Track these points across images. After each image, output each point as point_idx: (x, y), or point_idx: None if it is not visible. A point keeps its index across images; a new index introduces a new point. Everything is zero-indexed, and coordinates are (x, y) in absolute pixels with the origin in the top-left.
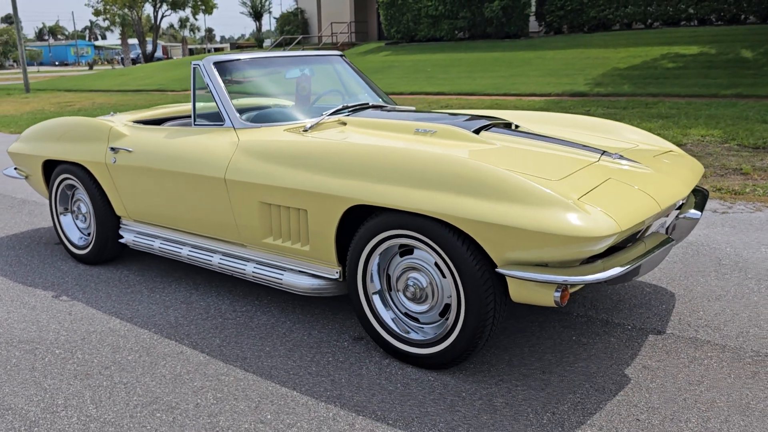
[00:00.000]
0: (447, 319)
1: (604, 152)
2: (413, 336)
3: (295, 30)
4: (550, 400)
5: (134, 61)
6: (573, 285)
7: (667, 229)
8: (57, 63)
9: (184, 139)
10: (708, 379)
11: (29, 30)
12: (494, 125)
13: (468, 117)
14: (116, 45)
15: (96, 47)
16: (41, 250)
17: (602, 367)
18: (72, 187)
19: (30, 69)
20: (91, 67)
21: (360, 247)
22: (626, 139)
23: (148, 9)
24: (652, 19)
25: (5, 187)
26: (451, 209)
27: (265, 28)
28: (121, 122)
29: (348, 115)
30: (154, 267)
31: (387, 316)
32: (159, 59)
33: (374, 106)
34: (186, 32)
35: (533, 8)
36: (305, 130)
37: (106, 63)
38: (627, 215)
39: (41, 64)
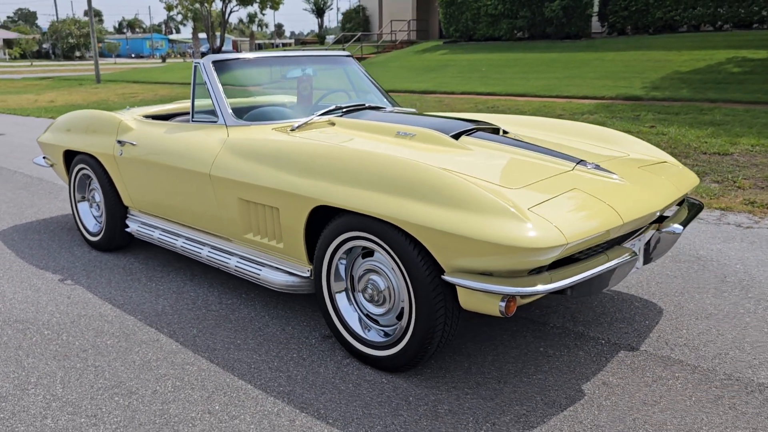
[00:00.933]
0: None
1: (580, 161)
2: (371, 337)
3: (356, 27)
4: (495, 411)
5: (203, 55)
6: (515, 296)
7: (648, 242)
8: (133, 55)
9: (179, 135)
10: (666, 400)
11: (110, 23)
12: (480, 129)
13: (459, 120)
14: (189, 39)
15: (170, 41)
16: (63, 236)
17: (560, 381)
18: (88, 176)
19: (107, 60)
20: (164, 59)
21: (324, 247)
22: (618, 148)
23: (218, 4)
24: (722, 21)
25: (47, 173)
26: (401, 213)
27: (332, 24)
28: (131, 116)
29: (340, 116)
30: (159, 257)
31: (351, 316)
32: (227, 53)
33: (371, 107)
34: (254, 27)
35: (596, 8)
36: (292, 130)
37: (178, 56)
38: (578, 227)
39: (118, 56)
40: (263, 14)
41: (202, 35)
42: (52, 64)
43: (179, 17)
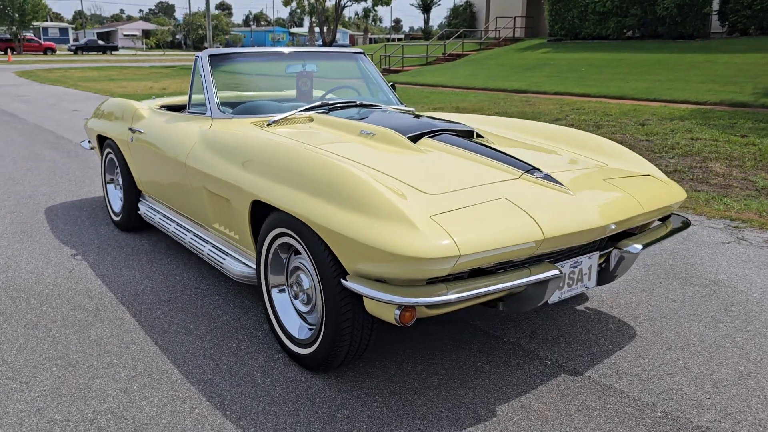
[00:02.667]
0: None
1: (531, 169)
2: (296, 333)
3: (461, 23)
4: (392, 422)
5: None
6: (408, 306)
7: (608, 260)
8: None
9: (173, 125)
10: (579, 431)
11: (238, 16)
12: (446, 131)
13: (434, 122)
14: (306, 32)
15: (290, 34)
16: (97, 215)
17: (478, 399)
18: (113, 160)
19: None
20: None
21: (262, 241)
22: (599, 158)
23: None
24: None
25: None
26: (311, 212)
27: (439, 20)
28: (148, 106)
29: (326, 112)
30: (168, 240)
31: (285, 311)
32: (340, 46)
33: (361, 105)
34: (369, 22)
35: (715, 6)
36: (269, 124)
37: None
38: (480, 239)
39: (243, 47)
40: (375, 10)
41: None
42: (181, 54)
43: (297, 12)
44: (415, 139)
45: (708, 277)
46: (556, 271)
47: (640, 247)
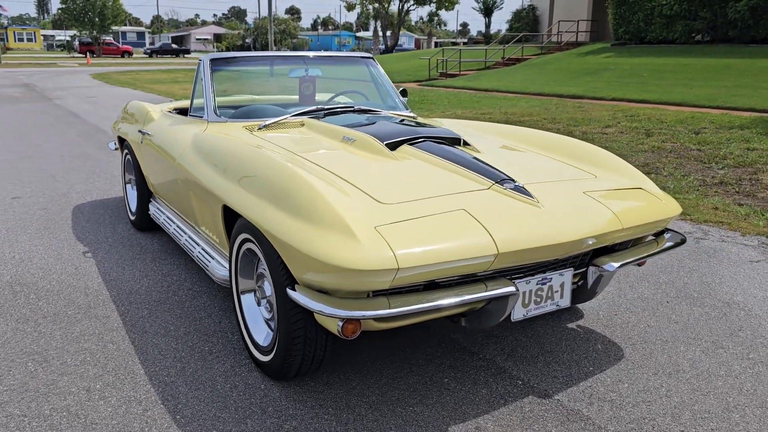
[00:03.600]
0: None
1: (504, 179)
2: (260, 341)
3: (523, 27)
4: None
5: (383, 52)
6: (351, 319)
7: (586, 278)
8: (323, 51)
9: (174, 127)
10: None
11: (307, 21)
12: (429, 138)
13: (420, 128)
14: (371, 36)
15: (356, 38)
16: (120, 213)
17: (432, 417)
18: (130, 160)
19: None
20: None
21: (232, 246)
22: (590, 169)
23: (397, 4)
24: None
25: None
26: (262, 218)
27: (502, 24)
28: (159, 108)
29: (321, 117)
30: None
31: (252, 316)
32: (403, 50)
33: (359, 110)
34: (434, 25)
35: None
36: (260, 128)
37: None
38: (425, 252)
39: (309, 50)
40: (437, 15)
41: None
42: None
43: (362, 16)
44: (394, 146)
45: (722, 298)
46: (512, 288)
47: (616, 265)
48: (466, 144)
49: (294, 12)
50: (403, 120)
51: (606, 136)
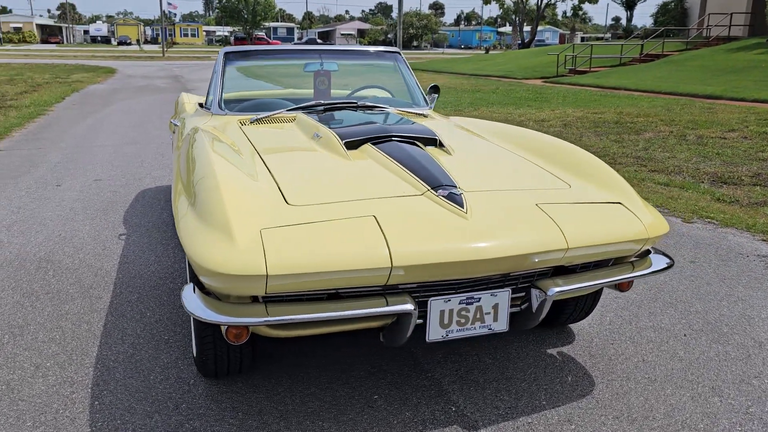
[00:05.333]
0: None
1: (441, 186)
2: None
3: (670, 21)
4: None
5: (521, 46)
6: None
7: (529, 302)
8: (462, 46)
9: (188, 119)
10: None
11: (450, 16)
12: (397, 137)
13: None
14: (511, 32)
15: (498, 33)
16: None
17: None
18: None
19: (436, 50)
20: (487, 51)
21: None
22: (569, 178)
23: None
24: None
25: None
26: (176, 213)
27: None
28: (194, 101)
29: (321, 113)
30: None
31: None
32: (544, 45)
33: (360, 106)
34: (578, 20)
35: None
36: (251, 122)
37: (504, 48)
38: (303, 260)
39: (449, 46)
40: (580, 8)
41: (527, 27)
42: None
43: (501, 11)
44: (356, 144)
45: (756, 337)
46: (405, 307)
47: (556, 290)
48: (441, 145)
49: (438, 7)
50: (401, 119)
51: (722, 141)
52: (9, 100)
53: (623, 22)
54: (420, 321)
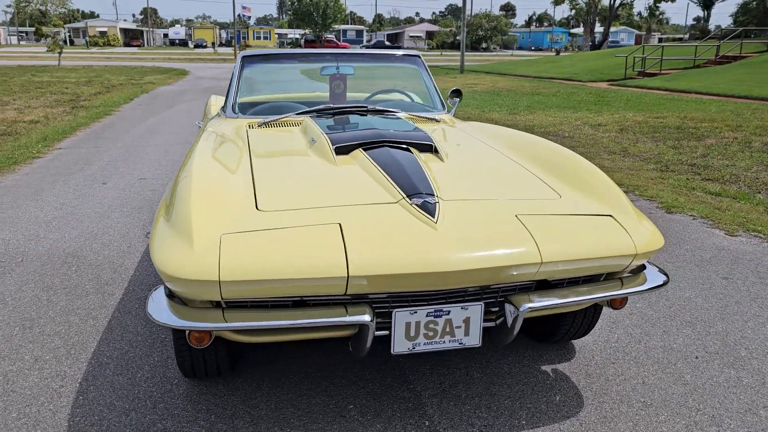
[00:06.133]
0: None
1: (417, 194)
2: None
3: (750, 21)
4: None
5: (593, 47)
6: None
7: (504, 317)
8: (532, 48)
9: (208, 122)
10: None
11: (521, 18)
12: (390, 144)
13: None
14: (582, 33)
15: (570, 34)
16: None
17: None
18: None
19: (504, 52)
20: (558, 52)
21: None
22: (560, 186)
23: None
24: None
25: None
26: (155, 217)
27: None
28: (219, 104)
29: (330, 116)
30: None
31: None
32: (617, 46)
33: (369, 110)
34: (656, 20)
35: None
36: (259, 125)
37: (576, 49)
38: (257, 267)
39: (519, 48)
40: (656, 7)
41: (599, 28)
42: (456, 53)
43: (572, 11)
44: (347, 149)
45: None
46: (365, 318)
47: (528, 306)
48: (436, 151)
49: (508, 9)
50: (404, 124)
51: None
52: (83, 101)
53: (718, 22)
54: (387, 332)
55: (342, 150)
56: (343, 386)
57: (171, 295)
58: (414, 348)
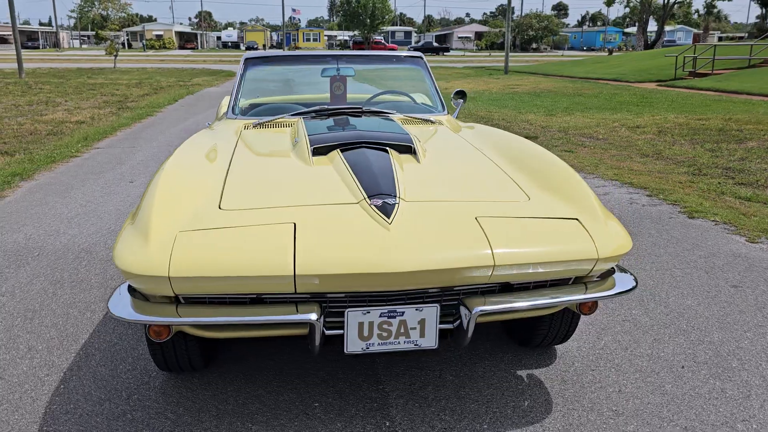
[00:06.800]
0: None
1: (378, 195)
2: None
3: None
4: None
5: (647, 47)
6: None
7: (466, 319)
8: (584, 48)
9: (214, 122)
10: None
11: (574, 17)
12: (368, 144)
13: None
14: (636, 32)
15: (624, 33)
16: None
17: None
18: None
19: (555, 53)
20: (610, 52)
21: None
22: (531, 188)
23: None
24: None
25: None
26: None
27: None
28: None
29: (325, 117)
30: None
31: None
32: (673, 46)
33: (365, 111)
34: (714, 18)
35: None
36: (254, 126)
37: (630, 49)
38: (206, 264)
39: (571, 48)
40: (713, 6)
41: (668, 27)
42: (499, 54)
43: (626, 9)
44: (325, 150)
45: None
46: (310, 317)
47: (479, 309)
48: (414, 152)
49: (561, 8)
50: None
51: None
52: (129, 102)
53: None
54: (341, 332)
55: (319, 151)
56: (314, 384)
57: (133, 290)
58: (368, 348)
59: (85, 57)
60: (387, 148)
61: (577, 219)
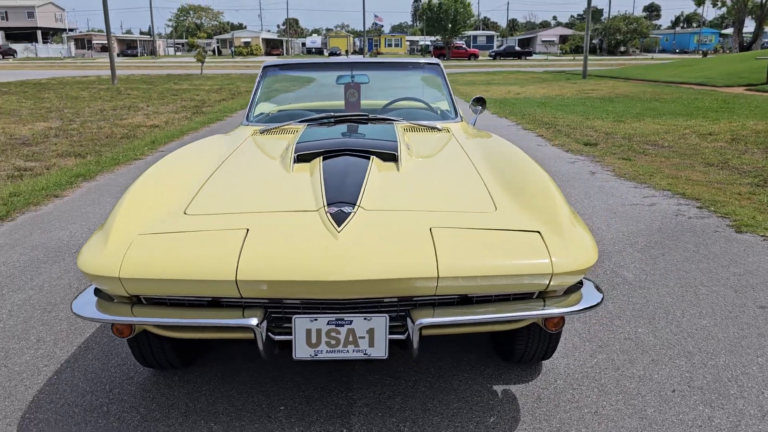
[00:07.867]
0: None
1: (336, 203)
2: None
3: None
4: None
5: (742, 48)
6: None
7: (415, 330)
8: (677, 51)
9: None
10: None
11: (666, 19)
12: (350, 152)
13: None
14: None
15: (721, 35)
16: None
17: None
18: None
19: (644, 56)
20: (705, 55)
21: None
22: (504, 198)
23: None
24: None
25: None
26: None
27: None
28: None
29: (332, 124)
30: None
31: None
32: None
33: (371, 118)
34: None
35: None
36: (261, 132)
37: (727, 51)
38: (155, 266)
39: (663, 50)
40: None
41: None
42: (592, 59)
43: (722, 9)
44: (308, 158)
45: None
46: (250, 321)
47: (424, 321)
48: (395, 160)
49: (652, 9)
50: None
51: None
52: (205, 107)
53: None
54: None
55: (302, 158)
56: (286, 388)
57: (99, 291)
58: (316, 355)
59: (176, 64)
60: (371, 156)
61: (538, 232)
